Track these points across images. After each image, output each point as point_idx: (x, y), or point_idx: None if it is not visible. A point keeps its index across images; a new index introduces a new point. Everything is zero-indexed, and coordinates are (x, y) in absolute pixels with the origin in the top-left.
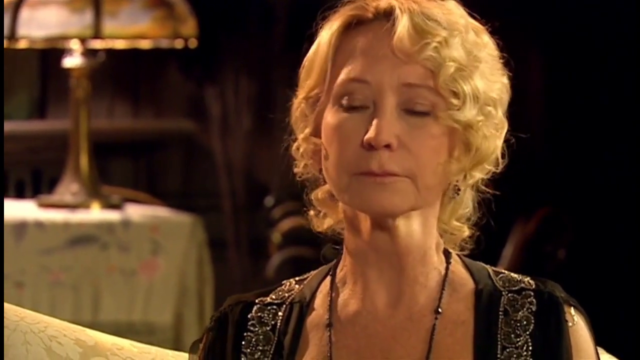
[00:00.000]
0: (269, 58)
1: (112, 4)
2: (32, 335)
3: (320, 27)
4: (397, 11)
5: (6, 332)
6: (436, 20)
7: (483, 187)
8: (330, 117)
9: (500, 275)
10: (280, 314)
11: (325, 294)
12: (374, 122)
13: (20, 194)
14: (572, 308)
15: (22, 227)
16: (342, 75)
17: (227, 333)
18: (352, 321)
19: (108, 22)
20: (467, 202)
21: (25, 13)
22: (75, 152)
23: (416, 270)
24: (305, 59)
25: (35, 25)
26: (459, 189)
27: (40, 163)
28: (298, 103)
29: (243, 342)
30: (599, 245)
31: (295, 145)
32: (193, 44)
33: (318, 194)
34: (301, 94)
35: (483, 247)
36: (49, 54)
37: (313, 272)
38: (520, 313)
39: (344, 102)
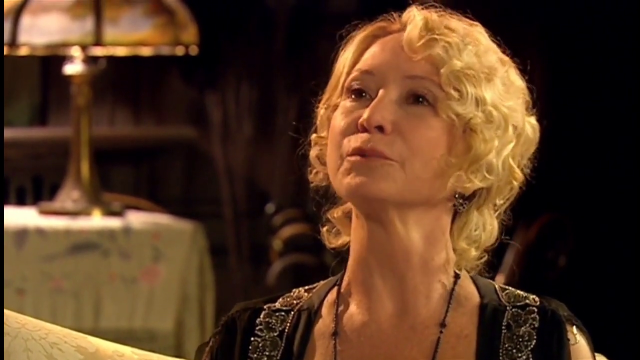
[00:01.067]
0: (270, 64)
1: (113, 10)
2: (34, 343)
3: (342, 46)
4: (414, 15)
5: (7, 339)
6: (451, 29)
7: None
8: (338, 108)
9: (506, 291)
10: (288, 320)
11: (332, 303)
12: (370, 105)
13: (21, 201)
14: (574, 327)
15: (23, 234)
16: (354, 71)
17: (234, 338)
18: (358, 331)
19: (109, 29)
20: (477, 223)
21: (26, 20)
22: (77, 159)
23: (416, 279)
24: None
25: (36, 32)
26: (464, 201)
27: (41, 169)
28: (319, 110)
29: (250, 347)
30: (599, 251)
31: (313, 152)
32: (194, 51)
33: (334, 213)
34: (322, 100)
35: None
36: (51, 61)
37: (322, 282)
38: (522, 328)
39: (350, 92)
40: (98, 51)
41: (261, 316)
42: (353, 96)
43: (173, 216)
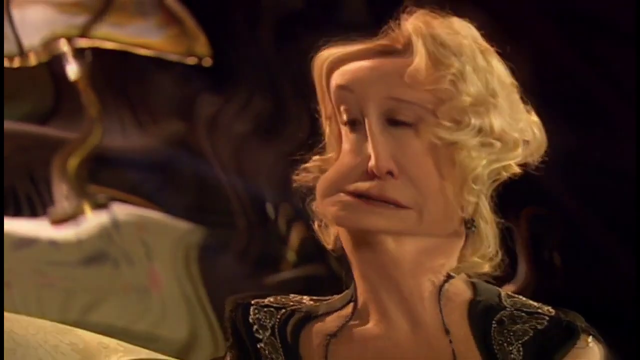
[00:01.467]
0: (265, 65)
1: (121, 17)
2: (42, 351)
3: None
4: (411, 33)
5: (19, 349)
6: (446, 46)
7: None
8: (344, 138)
9: (514, 298)
10: (277, 316)
11: (344, 315)
12: (369, 146)
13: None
14: (590, 336)
15: (32, 243)
16: (332, 80)
17: (247, 349)
18: (366, 340)
19: (112, 31)
20: (488, 239)
21: (16, 15)
22: (65, 153)
23: (408, 282)
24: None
25: (28, 28)
26: (473, 220)
27: (29, 164)
28: (325, 127)
29: (262, 358)
30: (593, 246)
31: (315, 163)
32: (207, 62)
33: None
34: (322, 114)
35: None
36: (59, 69)
37: (336, 297)
38: (518, 326)
39: (342, 116)
40: (84, 43)
41: (251, 313)
42: (348, 125)
43: (187, 222)
